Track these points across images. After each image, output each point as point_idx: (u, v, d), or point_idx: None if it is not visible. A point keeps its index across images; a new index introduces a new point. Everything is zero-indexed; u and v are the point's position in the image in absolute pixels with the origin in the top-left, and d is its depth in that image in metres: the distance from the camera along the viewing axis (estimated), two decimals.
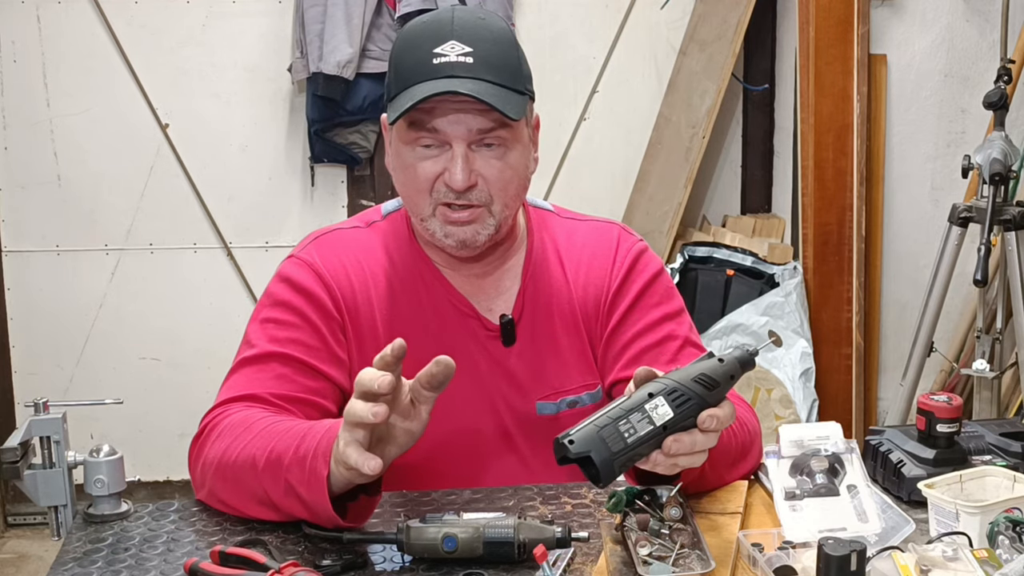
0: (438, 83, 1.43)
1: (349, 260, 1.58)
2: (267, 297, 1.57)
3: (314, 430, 1.33)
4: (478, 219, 1.50)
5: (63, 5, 3.52)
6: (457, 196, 1.48)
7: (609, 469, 1.18)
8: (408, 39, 1.49)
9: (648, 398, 1.21)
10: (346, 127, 3.57)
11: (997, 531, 1.24)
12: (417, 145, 1.48)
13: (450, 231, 1.50)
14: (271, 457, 1.34)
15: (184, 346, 3.73)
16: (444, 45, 1.45)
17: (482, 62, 1.45)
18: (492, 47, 1.47)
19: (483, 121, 1.46)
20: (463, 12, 1.50)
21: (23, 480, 1.42)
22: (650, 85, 3.67)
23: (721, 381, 1.24)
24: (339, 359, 1.54)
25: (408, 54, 1.47)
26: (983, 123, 3.34)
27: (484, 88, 1.43)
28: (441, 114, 1.45)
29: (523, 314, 1.60)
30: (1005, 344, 3.04)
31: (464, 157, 1.46)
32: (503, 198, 1.50)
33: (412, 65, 1.46)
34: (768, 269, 3.48)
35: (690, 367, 1.25)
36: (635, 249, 1.64)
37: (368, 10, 3.39)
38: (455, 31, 1.46)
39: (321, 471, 1.28)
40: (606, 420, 1.20)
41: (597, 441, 1.18)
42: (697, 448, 1.22)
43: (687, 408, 1.21)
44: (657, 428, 1.20)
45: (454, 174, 1.46)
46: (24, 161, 3.60)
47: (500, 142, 1.48)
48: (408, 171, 1.50)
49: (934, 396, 1.49)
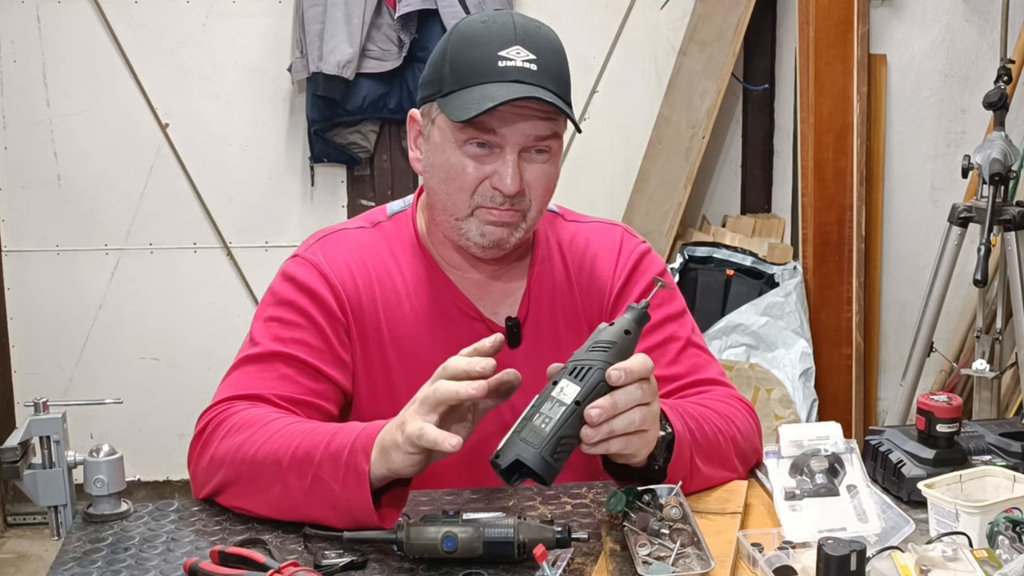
0: (512, 87, 1.43)
1: (354, 261, 1.57)
2: (271, 295, 1.57)
3: (345, 429, 1.34)
4: (514, 223, 1.51)
5: (63, 5, 3.52)
6: (503, 201, 1.48)
7: (540, 462, 1.19)
8: (468, 37, 1.48)
9: (553, 386, 1.24)
10: (346, 127, 3.57)
11: (997, 531, 1.24)
12: (468, 144, 1.47)
13: (487, 230, 1.50)
14: (298, 453, 1.34)
15: (184, 346, 3.73)
16: (510, 49, 1.45)
17: (544, 70, 1.45)
18: (552, 57, 1.48)
19: (540, 129, 1.46)
20: (522, 19, 1.51)
21: (23, 480, 1.42)
22: (650, 85, 3.67)
23: (616, 339, 1.25)
24: (342, 361, 1.54)
25: (469, 53, 1.46)
26: (983, 123, 3.34)
27: (548, 95, 1.44)
28: (502, 118, 1.44)
29: (528, 316, 1.60)
30: (1005, 344, 3.04)
31: (516, 162, 1.46)
32: (539, 206, 1.52)
33: (476, 65, 1.45)
34: (768, 269, 3.49)
35: (585, 343, 1.27)
36: (638, 251, 1.64)
37: (368, 10, 3.39)
38: (519, 36, 1.46)
39: (362, 464, 1.29)
40: (521, 423, 1.22)
41: (519, 444, 1.20)
42: (621, 408, 1.23)
43: (591, 376, 1.23)
44: (570, 406, 1.21)
45: (505, 179, 1.46)
46: (24, 161, 3.60)
47: (547, 151, 1.50)
48: (452, 168, 1.48)
49: (934, 396, 1.49)
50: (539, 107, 1.45)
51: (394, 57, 3.46)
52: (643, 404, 1.26)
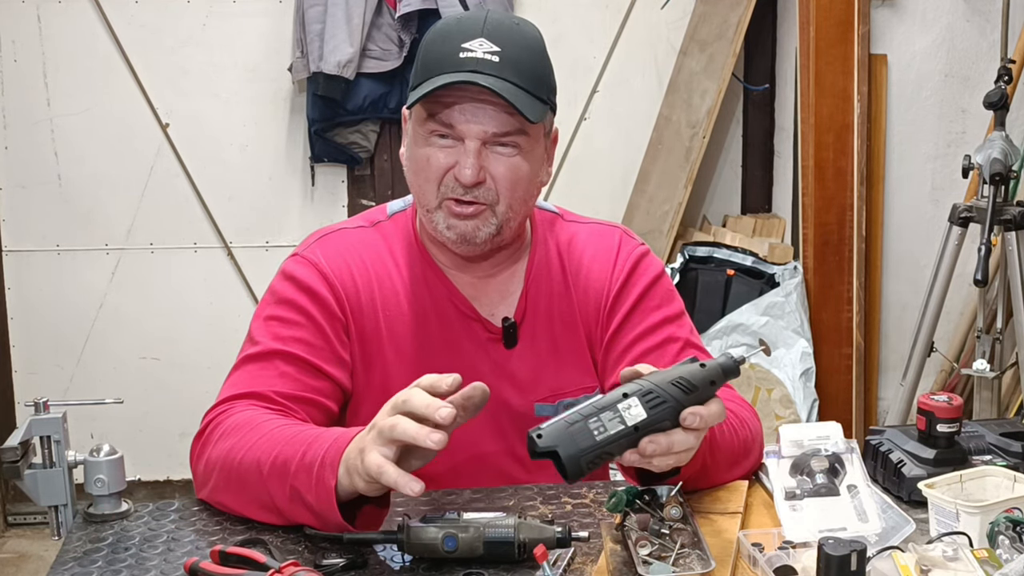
0: (460, 75, 1.43)
1: (353, 260, 1.57)
2: (271, 295, 1.57)
3: (321, 438, 1.33)
4: (480, 216, 1.50)
5: (63, 5, 3.52)
6: (464, 192, 1.48)
7: (575, 465, 1.18)
8: (439, 32, 1.50)
9: (622, 398, 1.22)
10: (346, 127, 3.57)
11: (997, 531, 1.24)
12: (432, 135, 1.48)
13: (452, 223, 1.51)
14: (277, 462, 1.34)
15: (184, 346, 3.73)
16: (473, 41, 1.46)
17: (508, 63, 1.45)
18: (521, 51, 1.48)
19: (501, 123, 1.46)
20: (498, 14, 1.52)
21: (23, 480, 1.42)
22: (650, 85, 3.67)
23: (700, 386, 1.24)
24: (342, 359, 1.54)
25: (436, 46, 1.48)
26: (983, 123, 3.34)
27: (506, 87, 1.43)
28: (460, 109, 1.45)
29: (525, 317, 1.60)
30: (1005, 344, 3.04)
31: (476, 153, 1.46)
32: (508, 199, 1.50)
33: (438, 57, 1.46)
34: (768, 269, 3.49)
35: (671, 370, 1.25)
36: (636, 253, 1.64)
37: (368, 10, 3.39)
38: (486, 30, 1.47)
39: (329, 480, 1.28)
40: (577, 417, 1.20)
41: (565, 437, 1.19)
42: (675, 449, 1.23)
43: (661, 410, 1.22)
44: (628, 428, 1.20)
45: (464, 167, 1.46)
46: (24, 161, 3.60)
47: (514, 146, 1.49)
48: (420, 159, 1.50)
49: (934, 396, 1.49)
50: (498, 100, 1.44)
51: (394, 57, 3.46)
52: (691, 449, 1.26)
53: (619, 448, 1.21)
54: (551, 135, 1.58)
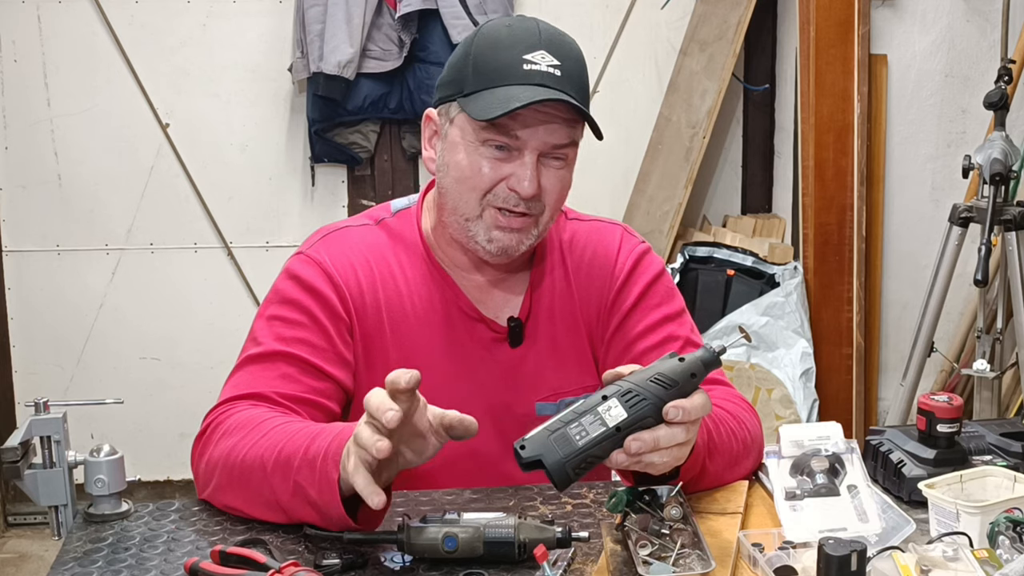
0: (537, 90, 1.43)
1: (358, 259, 1.57)
2: (275, 294, 1.57)
3: (324, 433, 1.33)
4: (525, 229, 1.51)
5: (63, 5, 3.52)
6: (517, 203, 1.48)
7: (561, 471, 1.19)
8: (493, 39, 1.49)
9: (602, 400, 1.22)
10: (346, 127, 3.57)
11: (997, 531, 1.24)
12: (488, 145, 1.47)
13: (496, 236, 1.50)
14: (280, 458, 1.34)
15: (184, 346, 3.73)
16: (535, 53, 1.46)
17: (568, 77, 1.46)
18: (575, 64, 1.49)
19: (561, 136, 1.47)
20: (548, 25, 1.52)
21: (23, 480, 1.42)
22: (650, 85, 3.67)
23: (680, 380, 1.23)
24: (345, 360, 1.54)
25: (494, 54, 1.47)
26: (983, 123, 3.34)
27: (575, 102, 1.44)
28: (523, 121, 1.45)
29: (529, 316, 1.60)
30: (1005, 344, 3.04)
31: (535, 166, 1.47)
32: (552, 212, 1.52)
33: (500, 66, 1.45)
34: (768, 269, 3.49)
35: (650, 368, 1.25)
36: (637, 251, 1.64)
37: (368, 10, 3.39)
38: (543, 41, 1.47)
39: (332, 474, 1.28)
40: (558, 424, 1.21)
41: (548, 445, 1.19)
42: (661, 444, 1.22)
43: (641, 408, 1.21)
44: (610, 429, 1.20)
45: (523, 181, 1.46)
46: (24, 161, 3.60)
47: (564, 158, 1.50)
48: (469, 167, 1.48)
49: (934, 396, 1.49)
50: (561, 112, 1.45)
51: (395, 57, 3.46)
52: (683, 443, 1.25)
53: (604, 450, 1.21)
54: None
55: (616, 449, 1.21)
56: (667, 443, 1.22)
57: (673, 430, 1.23)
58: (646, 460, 1.23)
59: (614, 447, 1.21)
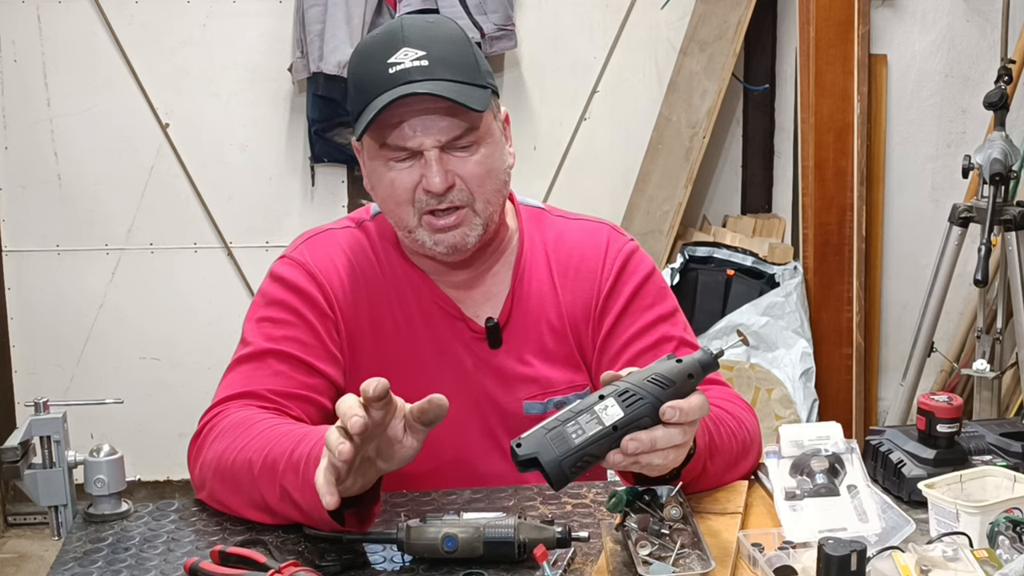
0: (397, 90, 1.43)
1: (340, 260, 1.58)
2: (261, 297, 1.58)
3: (309, 436, 1.33)
4: (464, 221, 1.50)
5: (63, 5, 3.52)
6: (439, 200, 1.48)
7: (558, 470, 1.19)
8: (362, 54, 1.50)
9: (599, 400, 1.22)
10: (346, 127, 3.57)
11: (997, 531, 1.24)
12: (391, 160, 1.48)
13: (439, 239, 1.50)
14: (267, 462, 1.35)
15: (184, 346, 3.73)
16: (397, 53, 1.45)
17: (438, 63, 1.45)
18: (446, 47, 1.47)
19: (451, 126, 1.45)
20: (412, 19, 1.51)
21: (23, 480, 1.42)
22: (650, 85, 3.67)
23: (677, 380, 1.23)
24: (334, 357, 1.55)
25: (364, 68, 1.48)
26: (983, 123, 3.34)
27: (443, 86, 1.43)
28: (409, 125, 1.44)
29: (511, 317, 1.59)
30: (1005, 344, 3.04)
31: (438, 160, 1.46)
32: (484, 195, 1.50)
33: (370, 78, 1.45)
34: (768, 269, 3.48)
35: (648, 368, 1.25)
36: (625, 250, 1.62)
37: (368, 10, 3.39)
38: (406, 38, 1.46)
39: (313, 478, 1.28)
40: (555, 423, 1.21)
41: (545, 443, 1.19)
42: (658, 445, 1.22)
43: (638, 408, 1.21)
44: (607, 428, 1.20)
45: (431, 177, 1.46)
46: (24, 161, 3.60)
47: (471, 144, 1.48)
48: (386, 186, 1.49)
49: (934, 396, 1.49)
50: (436, 103, 1.43)
51: None
52: (679, 445, 1.24)
53: (600, 449, 1.20)
54: (502, 116, 1.56)
55: (613, 449, 1.21)
56: (664, 444, 1.22)
57: (670, 431, 1.22)
58: (643, 461, 1.23)
59: (611, 446, 1.21)
